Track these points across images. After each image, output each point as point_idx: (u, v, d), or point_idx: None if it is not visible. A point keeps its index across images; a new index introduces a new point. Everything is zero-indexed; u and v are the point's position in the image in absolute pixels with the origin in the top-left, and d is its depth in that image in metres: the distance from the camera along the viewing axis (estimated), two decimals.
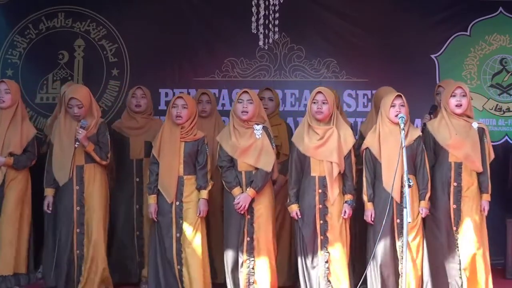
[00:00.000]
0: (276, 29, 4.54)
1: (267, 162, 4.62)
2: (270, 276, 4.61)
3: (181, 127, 4.75)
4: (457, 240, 4.63)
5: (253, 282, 4.59)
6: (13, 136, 4.93)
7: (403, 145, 4.11)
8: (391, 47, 6.28)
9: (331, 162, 4.53)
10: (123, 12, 6.43)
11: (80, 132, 4.75)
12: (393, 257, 4.53)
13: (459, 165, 4.66)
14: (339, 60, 6.36)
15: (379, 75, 6.21)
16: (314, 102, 4.61)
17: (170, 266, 4.69)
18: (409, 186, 3.96)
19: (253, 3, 4.49)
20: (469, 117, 4.77)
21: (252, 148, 4.63)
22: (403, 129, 4.26)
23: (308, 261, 4.57)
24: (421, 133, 4.70)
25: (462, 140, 4.66)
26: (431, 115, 5.15)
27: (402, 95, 4.64)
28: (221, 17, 6.35)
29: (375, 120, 4.83)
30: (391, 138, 4.55)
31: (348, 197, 4.58)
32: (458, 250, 4.62)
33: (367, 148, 4.67)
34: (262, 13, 4.48)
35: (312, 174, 4.58)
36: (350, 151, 4.61)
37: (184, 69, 6.41)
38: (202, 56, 6.40)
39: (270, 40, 4.60)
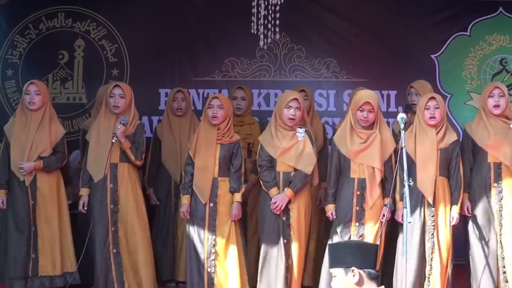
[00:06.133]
0: (277, 29, 4.53)
1: (307, 164, 4.55)
2: (299, 277, 4.56)
3: (217, 128, 4.69)
4: (500, 242, 4.53)
5: (289, 283, 4.52)
6: (42, 138, 4.85)
7: (403, 145, 4.04)
8: (391, 47, 6.28)
9: (373, 168, 4.47)
10: (123, 12, 6.42)
11: (119, 127, 4.70)
12: (422, 259, 4.44)
13: (498, 166, 4.58)
14: (339, 60, 6.35)
15: (379, 75, 6.22)
16: (361, 110, 4.48)
17: (200, 269, 4.60)
18: (409, 185, 3.93)
19: (253, 3, 4.50)
20: (507, 118, 4.68)
21: (293, 149, 4.56)
22: (403, 129, 4.15)
23: None
24: (457, 138, 4.60)
25: (501, 140, 4.57)
26: (408, 114, 4.91)
27: (436, 97, 4.56)
28: (221, 17, 6.35)
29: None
30: (426, 139, 4.49)
31: (388, 200, 4.46)
32: (502, 251, 4.53)
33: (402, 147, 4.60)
34: (262, 13, 4.48)
35: (352, 176, 4.50)
36: (390, 155, 4.53)
37: (184, 69, 6.41)
38: (202, 56, 6.40)
39: (270, 40, 4.60)
